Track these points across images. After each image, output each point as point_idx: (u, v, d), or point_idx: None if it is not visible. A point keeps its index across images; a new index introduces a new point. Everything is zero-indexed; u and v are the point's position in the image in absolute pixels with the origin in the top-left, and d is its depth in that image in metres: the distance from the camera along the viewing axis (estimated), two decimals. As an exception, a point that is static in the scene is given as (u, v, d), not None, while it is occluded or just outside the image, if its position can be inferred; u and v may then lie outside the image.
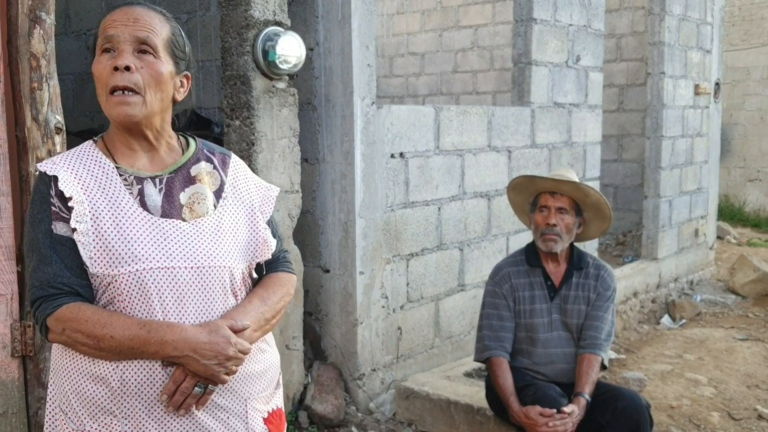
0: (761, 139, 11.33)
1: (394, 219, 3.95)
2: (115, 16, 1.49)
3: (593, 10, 5.31)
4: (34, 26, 2.40)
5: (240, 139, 3.41)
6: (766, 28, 11.15)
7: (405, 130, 3.96)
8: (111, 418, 1.44)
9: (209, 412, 1.49)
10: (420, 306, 4.19)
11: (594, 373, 2.97)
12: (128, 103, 1.46)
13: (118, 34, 1.46)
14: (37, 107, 2.43)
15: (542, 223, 3.08)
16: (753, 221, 10.88)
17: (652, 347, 5.36)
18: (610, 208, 3.11)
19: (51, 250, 1.44)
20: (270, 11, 3.39)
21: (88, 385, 1.44)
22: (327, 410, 3.66)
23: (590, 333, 3.06)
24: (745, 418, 4.05)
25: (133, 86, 1.46)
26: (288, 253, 1.76)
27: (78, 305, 1.43)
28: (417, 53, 8.98)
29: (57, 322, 1.42)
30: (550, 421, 2.79)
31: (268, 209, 1.67)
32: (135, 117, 1.48)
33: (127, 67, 1.45)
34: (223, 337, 1.44)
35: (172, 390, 1.43)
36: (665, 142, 6.42)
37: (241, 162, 1.70)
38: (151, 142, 1.55)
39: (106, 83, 1.46)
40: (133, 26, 1.47)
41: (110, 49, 1.47)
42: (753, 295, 6.70)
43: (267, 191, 1.69)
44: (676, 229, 6.76)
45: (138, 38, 1.47)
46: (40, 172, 1.49)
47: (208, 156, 1.63)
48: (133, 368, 1.43)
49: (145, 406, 1.43)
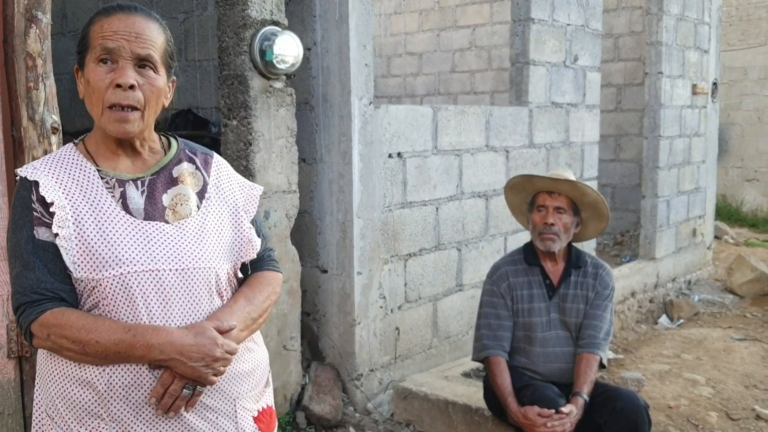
0: (758, 139, 11.34)
1: (392, 219, 3.95)
2: (114, 26, 1.45)
3: (591, 10, 5.31)
4: (30, 26, 2.39)
5: (237, 139, 3.40)
6: (763, 28, 11.16)
7: (403, 130, 3.96)
8: (99, 422, 1.43)
9: (198, 413, 1.48)
10: (418, 306, 4.19)
11: (592, 373, 2.97)
12: (128, 121, 1.46)
13: (119, 49, 1.44)
14: (34, 107, 2.42)
15: (540, 222, 3.08)
16: (750, 221, 10.89)
17: (650, 347, 5.36)
18: (607, 207, 3.11)
19: (34, 255, 1.43)
20: (267, 11, 3.38)
21: (75, 389, 1.44)
22: (325, 411, 3.65)
23: (589, 332, 3.06)
24: (743, 418, 4.05)
25: (136, 104, 1.46)
26: (273, 252, 1.76)
27: (62, 310, 1.42)
28: (415, 53, 8.98)
29: (41, 328, 1.41)
30: (548, 422, 2.79)
31: (252, 208, 1.67)
32: (133, 133, 1.48)
33: (132, 86, 1.44)
34: (210, 338, 1.44)
35: (160, 393, 1.42)
36: (663, 142, 6.42)
37: (224, 161, 1.70)
38: (136, 149, 1.55)
39: (104, 97, 1.45)
40: (135, 42, 1.45)
41: (107, 60, 1.45)
42: (751, 295, 6.71)
43: (250, 190, 1.68)
44: (674, 229, 6.76)
45: (140, 55, 1.46)
46: (21, 177, 1.48)
47: (190, 156, 1.62)
48: (120, 371, 1.42)
49: (132, 408, 1.43)
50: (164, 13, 4.66)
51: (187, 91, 4.67)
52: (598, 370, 3.02)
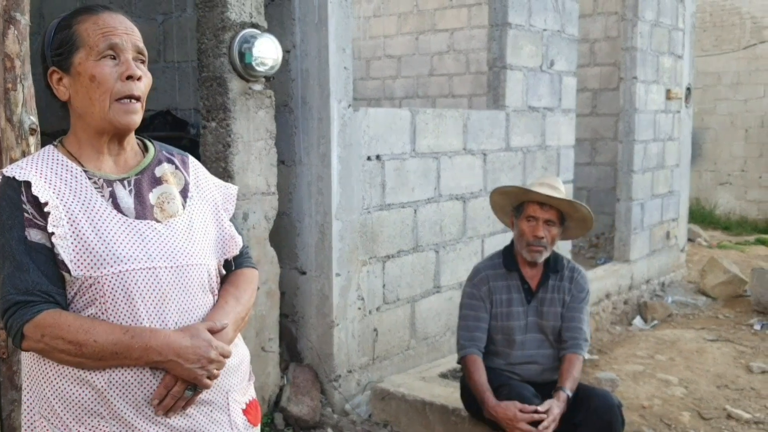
0: (732, 144, 11.52)
1: (371, 221, 3.97)
2: (110, 23, 1.50)
3: (567, 16, 5.37)
4: (9, 27, 2.38)
5: (216, 140, 3.40)
6: (736, 34, 11.34)
7: (381, 132, 3.98)
8: (99, 420, 1.43)
9: (195, 406, 1.51)
10: (396, 308, 4.21)
11: (576, 371, 3.02)
12: (135, 112, 1.52)
13: (123, 43, 1.50)
14: (12, 108, 2.41)
15: (530, 234, 3.09)
16: (724, 224, 11.06)
17: (624, 348, 5.43)
18: (593, 222, 3.16)
19: (27, 256, 1.42)
20: (247, 13, 3.39)
21: (73, 387, 1.43)
22: (303, 412, 3.66)
23: (570, 334, 3.11)
24: (714, 417, 4.13)
25: (141, 95, 1.53)
26: (249, 248, 1.80)
27: (58, 312, 1.42)
28: (394, 56, 9.01)
29: (36, 329, 1.40)
30: (528, 418, 2.81)
31: (231, 207, 1.72)
32: (136, 124, 1.54)
33: (139, 77, 1.51)
34: (204, 340, 1.46)
35: (163, 394, 1.44)
36: (637, 146, 6.51)
37: (198, 162, 1.74)
38: (123, 146, 1.57)
39: (113, 90, 1.48)
40: (131, 35, 1.52)
41: (113, 56, 1.49)
42: (723, 296, 6.81)
43: (227, 190, 1.73)
44: (648, 232, 6.85)
45: (137, 47, 1.53)
46: (7, 177, 1.46)
47: (168, 157, 1.66)
48: (121, 369, 1.43)
49: (134, 406, 1.44)
50: (143, 14, 4.65)
51: (165, 93, 4.66)
52: (581, 369, 3.07)
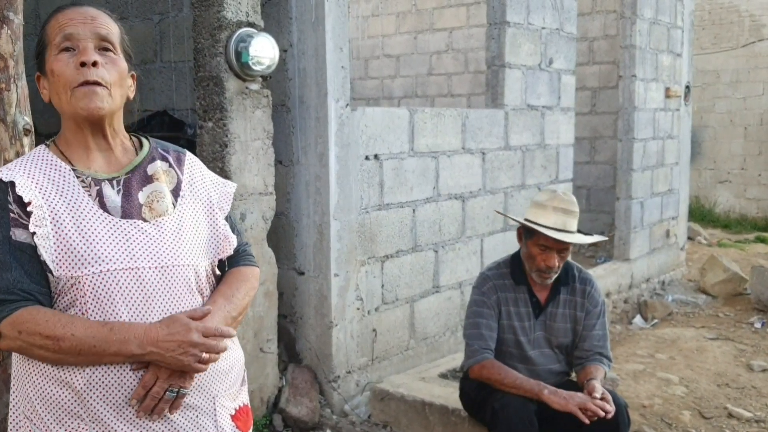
0: (731, 142, 11.51)
1: (369, 221, 3.95)
2: (70, 15, 1.49)
3: (566, 14, 5.35)
4: (2, 26, 2.36)
5: (213, 140, 3.38)
6: (735, 32, 11.33)
7: (379, 132, 3.97)
8: (78, 422, 1.42)
9: (179, 411, 1.48)
10: (395, 308, 4.20)
11: (600, 375, 2.95)
12: (96, 94, 1.46)
13: (78, 32, 1.47)
14: (5, 108, 2.39)
15: (542, 262, 2.99)
16: (723, 222, 11.05)
17: (625, 347, 5.41)
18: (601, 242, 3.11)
19: (10, 256, 1.41)
20: (243, 12, 3.37)
21: (53, 388, 1.42)
22: (302, 413, 3.65)
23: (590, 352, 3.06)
24: (715, 416, 4.11)
25: (101, 80, 1.47)
26: (249, 246, 1.76)
27: (36, 308, 1.40)
28: (392, 55, 9.00)
29: (12, 326, 1.38)
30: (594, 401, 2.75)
31: (226, 205, 1.68)
32: (102, 109, 1.48)
33: (94, 62, 1.46)
34: (182, 324, 1.42)
35: (141, 395, 1.42)
36: (637, 145, 6.50)
37: (197, 159, 1.71)
38: (108, 141, 1.54)
39: (70, 80, 1.46)
40: (92, 24, 1.49)
41: (70, 48, 1.47)
42: (723, 295, 6.80)
43: (224, 187, 1.70)
44: (648, 230, 6.84)
45: (99, 35, 1.49)
46: None
47: (162, 155, 1.63)
48: (101, 370, 1.41)
49: (113, 408, 1.42)
50: (139, 14, 4.63)
51: (162, 93, 4.64)
52: (603, 378, 2.99)
